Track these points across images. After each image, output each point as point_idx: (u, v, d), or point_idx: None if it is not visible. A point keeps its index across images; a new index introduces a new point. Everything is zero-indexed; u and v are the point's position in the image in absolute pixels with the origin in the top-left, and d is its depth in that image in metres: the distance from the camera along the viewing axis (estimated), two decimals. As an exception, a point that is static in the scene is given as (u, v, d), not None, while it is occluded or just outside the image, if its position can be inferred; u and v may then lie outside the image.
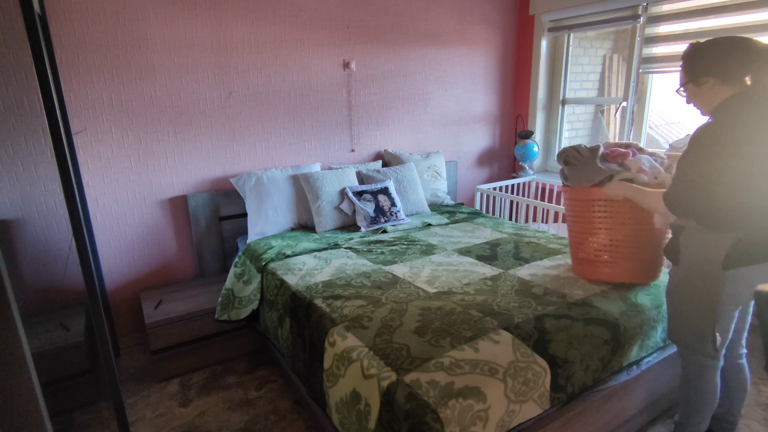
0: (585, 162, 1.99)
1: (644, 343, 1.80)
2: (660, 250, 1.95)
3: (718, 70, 1.45)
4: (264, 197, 2.74)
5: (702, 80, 1.49)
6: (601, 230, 1.97)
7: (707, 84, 1.48)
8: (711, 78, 1.47)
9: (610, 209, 1.92)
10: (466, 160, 3.88)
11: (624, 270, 1.97)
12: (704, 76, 1.48)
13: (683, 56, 1.55)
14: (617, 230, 1.93)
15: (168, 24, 2.49)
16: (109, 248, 2.59)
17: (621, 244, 1.94)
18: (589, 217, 1.99)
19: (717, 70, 1.46)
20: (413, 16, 3.29)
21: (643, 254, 1.95)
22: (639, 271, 1.97)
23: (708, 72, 1.47)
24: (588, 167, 1.97)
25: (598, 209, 1.95)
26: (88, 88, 2.37)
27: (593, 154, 1.99)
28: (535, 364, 1.50)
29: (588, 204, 1.98)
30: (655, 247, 1.95)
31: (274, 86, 2.88)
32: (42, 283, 2.39)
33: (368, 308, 1.84)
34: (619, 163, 1.95)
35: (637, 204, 1.83)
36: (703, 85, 1.49)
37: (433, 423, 1.28)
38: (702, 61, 1.49)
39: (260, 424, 2.06)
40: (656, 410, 1.99)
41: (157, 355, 2.34)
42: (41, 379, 1.13)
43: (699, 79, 1.50)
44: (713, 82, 1.47)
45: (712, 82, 1.47)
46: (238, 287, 2.46)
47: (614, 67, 4.26)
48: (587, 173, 1.97)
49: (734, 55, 1.44)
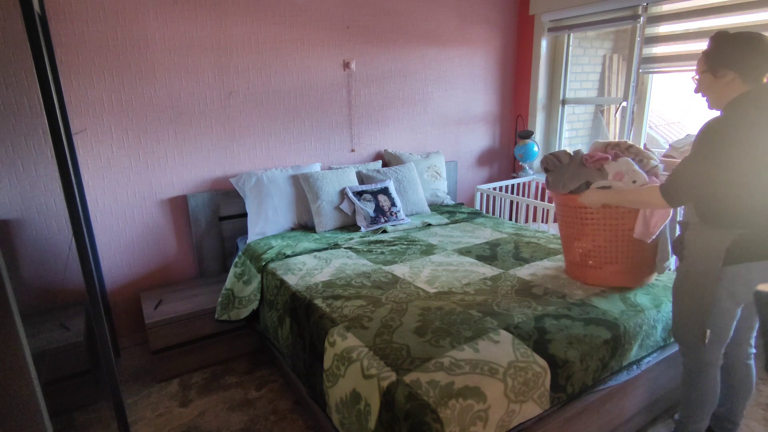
0: (562, 169, 2.02)
1: (644, 343, 1.80)
2: (646, 254, 1.95)
3: (742, 66, 1.41)
4: (264, 197, 2.74)
5: (722, 72, 1.45)
6: (584, 235, 1.98)
7: (726, 77, 1.44)
8: (731, 72, 1.43)
9: (589, 215, 1.93)
10: (466, 160, 3.88)
11: (608, 274, 1.97)
12: (725, 68, 1.44)
13: (709, 44, 1.49)
14: (598, 235, 1.94)
15: (168, 24, 2.49)
16: (109, 248, 2.59)
17: (603, 249, 1.95)
18: (574, 222, 2.01)
19: (741, 66, 1.41)
20: (413, 16, 3.29)
21: (626, 259, 1.94)
22: (624, 275, 1.97)
23: (730, 65, 1.43)
24: (565, 173, 1.99)
25: (579, 215, 1.96)
26: (88, 88, 2.37)
27: (571, 160, 2.02)
28: (535, 364, 1.50)
29: (571, 209, 2.00)
30: (639, 251, 1.93)
31: (274, 86, 2.88)
32: (42, 283, 2.38)
33: (368, 308, 1.84)
34: (597, 168, 1.94)
35: (617, 208, 1.83)
36: (722, 78, 1.45)
37: (433, 423, 1.28)
38: (727, 53, 1.44)
39: (260, 424, 2.06)
40: (656, 410, 1.99)
41: (157, 355, 2.34)
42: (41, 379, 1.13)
43: (719, 70, 1.45)
44: (732, 76, 1.43)
45: (732, 76, 1.43)
46: (238, 287, 2.46)
47: (614, 67, 4.26)
48: (563, 180, 1.99)
49: (762, 54, 1.40)
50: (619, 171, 1.88)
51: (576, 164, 2.00)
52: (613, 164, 1.91)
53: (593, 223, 1.93)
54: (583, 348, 1.60)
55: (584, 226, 1.96)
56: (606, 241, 1.93)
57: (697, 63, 1.54)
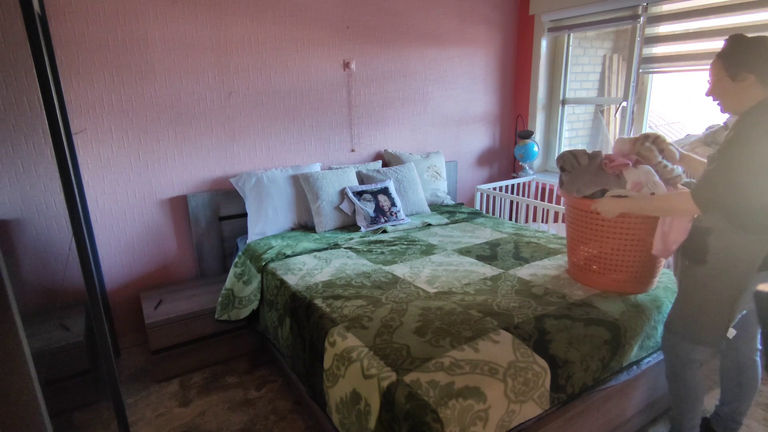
0: (580, 171, 1.96)
1: (644, 344, 1.80)
2: (650, 264, 1.92)
3: (764, 70, 1.37)
4: (264, 197, 2.74)
5: (741, 76, 1.39)
6: (591, 240, 1.96)
7: (746, 81, 1.39)
8: (752, 75, 1.38)
9: (600, 221, 1.89)
10: (466, 160, 3.88)
11: (611, 280, 1.96)
12: (746, 72, 1.38)
13: (726, 46, 1.44)
14: (606, 243, 1.91)
15: (168, 24, 2.49)
16: (109, 248, 2.59)
17: (609, 257, 1.92)
18: (582, 225, 1.98)
19: (762, 69, 1.37)
20: (413, 16, 3.29)
21: (631, 268, 1.92)
22: (627, 282, 1.95)
23: (752, 68, 1.38)
24: (581, 177, 1.94)
25: (590, 220, 1.93)
26: (88, 88, 2.37)
27: (591, 162, 1.95)
28: (535, 364, 1.50)
29: (581, 213, 1.97)
30: (644, 261, 1.91)
31: (274, 86, 2.88)
32: (42, 283, 2.38)
33: (368, 308, 1.84)
34: (616, 175, 1.87)
35: (629, 217, 1.79)
36: (741, 82, 1.40)
37: (433, 423, 1.27)
38: (748, 56, 1.38)
39: (260, 424, 2.06)
40: (656, 410, 1.99)
41: (157, 355, 2.34)
42: (41, 379, 1.13)
43: (739, 74, 1.40)
44: (752, 80, 1.39)
45: (752, 79, 1.39)
46: (238, 287, 2.46)
47: (614, 67, 4.26)
48: (578, 183, 1.94)
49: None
50: (639, 181, 1.80)
51: (594, 168, 1.92)
52: (633, 172, 1.82)
53: (603, 229, 1.90)
54: (583, 348, 1.60)
55: (593, 231, 1.93)
56: (613, 249, 1.90)
57: (712, 66, 1.49)
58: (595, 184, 1.89)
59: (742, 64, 1.39)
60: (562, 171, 2.06)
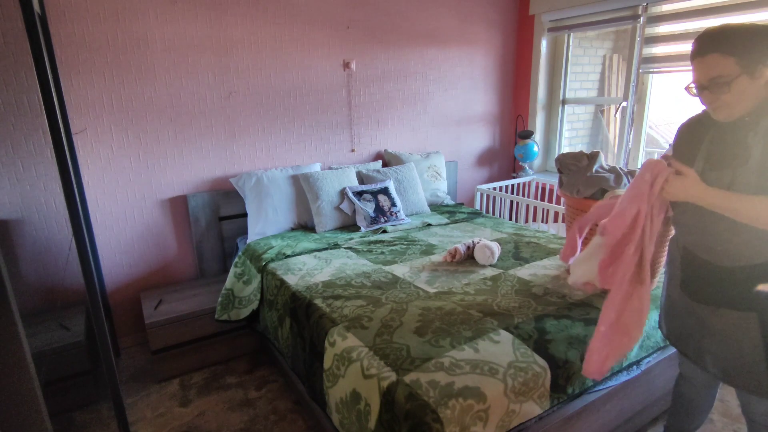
0: (578, 172, 1.97)
1: (644, 343, 1.80)
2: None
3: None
4: (264, 197, 2.74)
5: (759, 72, 1.15)
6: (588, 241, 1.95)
7: (764, 77, 1.16)
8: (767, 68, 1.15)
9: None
10: (466, 160, 3.88)
11: None
12: (763, 66, 1.15)
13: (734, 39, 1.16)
14: None
15: (168, 24, 2.49)
16: (109, 248, 2.59)
17: None
18: None
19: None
20: (413, 16, 3.29)
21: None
22: None
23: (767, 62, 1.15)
24: (580, 178, 1.95)
25: None
26: (88, 88, 2.37)
27: (590, 163, 1.96)
28: (535, 364, 1.50)
29: (581, 213, 1.97)
30: None
31: (274, 86, 2.88)
32: (42, 283, 2.38)
33: (368, 308, 1.84)
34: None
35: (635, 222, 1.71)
36: (759, 78, 1.16)
37: (433, 423, 1.27)
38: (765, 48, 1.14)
39: (260, 424, 2.06)
40: (656, 410, 1.99)
41: (157, 355, 2.34)
42: (41, 379, 1.13)
43: (757, 70, 1.15)
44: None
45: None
46: (238, 287, 2.46)
47: (614, 67, 4.26)
48: (577, 184, 1.95)
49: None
50: None
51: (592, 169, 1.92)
52: None
53: None
54: (583, 348, 1.60)
55: (593, 231, 1.94)
56: None
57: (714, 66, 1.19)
58: (593, 186, 1.90)
59: (762, 59, 1.15)
60: (560, 172, 2.06)
